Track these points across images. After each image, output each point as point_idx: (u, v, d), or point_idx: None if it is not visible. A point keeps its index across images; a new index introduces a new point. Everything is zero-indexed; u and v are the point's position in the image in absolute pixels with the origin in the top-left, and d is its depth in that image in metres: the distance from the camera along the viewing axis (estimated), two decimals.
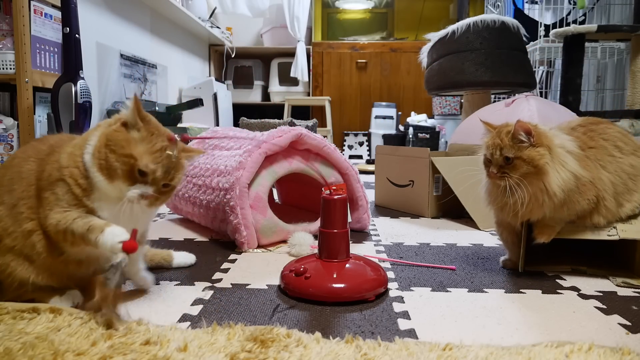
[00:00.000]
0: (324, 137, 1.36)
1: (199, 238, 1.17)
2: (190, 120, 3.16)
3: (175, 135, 0.72)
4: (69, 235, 0.65)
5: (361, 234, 1.23)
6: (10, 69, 1.64)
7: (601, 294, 0.80)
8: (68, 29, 1.66)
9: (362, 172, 2.91)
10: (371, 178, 2.57)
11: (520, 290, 0.82)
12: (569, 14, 2.80)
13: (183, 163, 0.71)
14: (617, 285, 0.84)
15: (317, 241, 0.86)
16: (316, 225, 1.16)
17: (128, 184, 0.66)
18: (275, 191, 1.59)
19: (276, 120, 2.65)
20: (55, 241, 0.67)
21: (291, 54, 4.20)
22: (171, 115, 2.46)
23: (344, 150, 4.36)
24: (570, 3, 2.82)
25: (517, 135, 0.84)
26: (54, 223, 0.65)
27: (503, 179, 0.85)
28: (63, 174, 0.66)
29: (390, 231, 1.27)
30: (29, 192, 0.68)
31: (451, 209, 1.45)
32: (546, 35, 2.57)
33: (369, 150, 4.31)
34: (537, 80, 3.02)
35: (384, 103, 4.23)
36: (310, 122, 2.84)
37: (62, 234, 0.65)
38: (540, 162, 0.82)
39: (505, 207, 0.88)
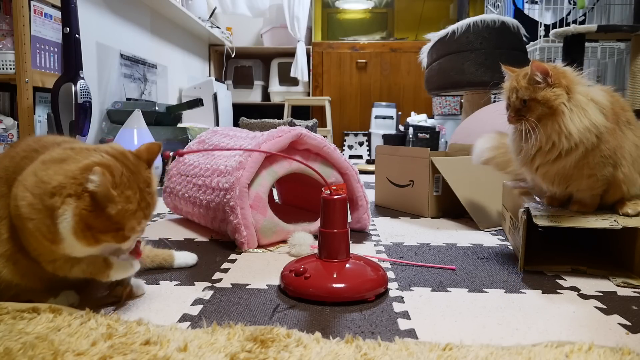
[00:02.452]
0: (324, 137, 1.36)
1: (199, 238, 1.17)
2: (190, 120, 3.16)
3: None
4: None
5: (361, 234, 1.23)
6: (10, 69, 1.64)
7: (601, 294, 0.80)
8: (68, 29, 1.66)
9: (362, 172, 2.91)
10: (371, 178, 2.57)
11: (520, 290, 0.82)
12: (569, 14, 2.80)
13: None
14: (617, 285, 0.84)
15: (317, 241, 0.86)
16: (316, 225, 1.16)
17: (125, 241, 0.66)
18: (275, 191, 1.59)
19: (276, 120, 2.65)
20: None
21: (291, 54, 4.20)
22: (171, 115, 2.46)
23: (344, 150, 4.36)
24: (570, 3, 2.82)
25: (533, 75, 0.82)
26: (51, 269, 0.66)
27: (520, 122, 0.84)
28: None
29: (390, 231, 1.27)
30: (5, 214, 0.66)
31: (451, 209, 1.45)
32: (546, 35, 2.57)
33: (369, 150, 4.31)
34: None
35: (384, 103, 4.23)
36: (310, 122, 2.84)
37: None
38: (555, 102, 0.81)
39: (520, 152, 0.88)
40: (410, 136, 3.69)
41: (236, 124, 3.65)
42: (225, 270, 0.91)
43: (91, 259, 0.67)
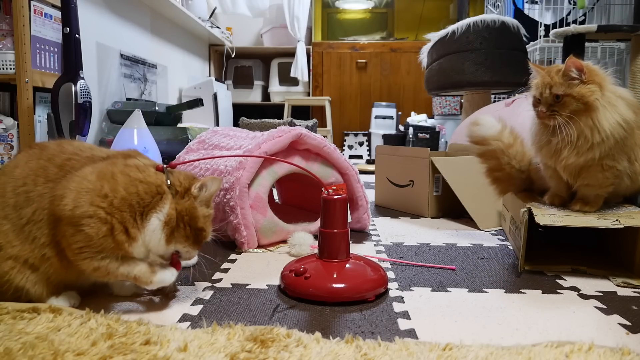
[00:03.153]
0: (324, 137, 1.36)
1: None
2: (190, 120, 3.16)
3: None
4: (111, 276, 0.68)
5: (361, 234, 1.23)
6: (10, 69, 1.64)
7: (601, 294, 0.80)
8: (68, 29, 1.66)
9: (362, 172, 2.90)
10: (371, 178, 2.57)
11: (520, 290, 0.82)
12: (569, 14, 2.80)
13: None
14: (617, 285, 0.84)
15: (317, 241, 0.86)
16: (316, 225, 1.16)
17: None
18: (275, 191, 1.59)
19: (276, 120, 2.65)
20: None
21: (291, 54, 4.20)
22: (171, 115, 2.46)
23: (344, 150, 4.36)
24: (570, 3, 2.82)
25: (569, 71, 0.85)
26: (93, 268, 0.67)
27: (552, 117, 0.86)
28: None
29: (390, 231, 1.27)
30: (40, 216, 0.66)
31: (451, 209, 1.45)
32: (546, 35, 2.57)
33: (369, 150, 4.31)
34: None
35: (384, 103, 4.23)
36: (310, 122, 2.84)
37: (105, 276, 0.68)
38: (591, 98, 0.83)
39: (548, 145, 0.89)
40: (410, 136, 3.69)
41: (236, 124, 3.65)
42: (225, 270, 0.91)
43: (138, 263, 0.69)
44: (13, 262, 0.66)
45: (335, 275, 0.78)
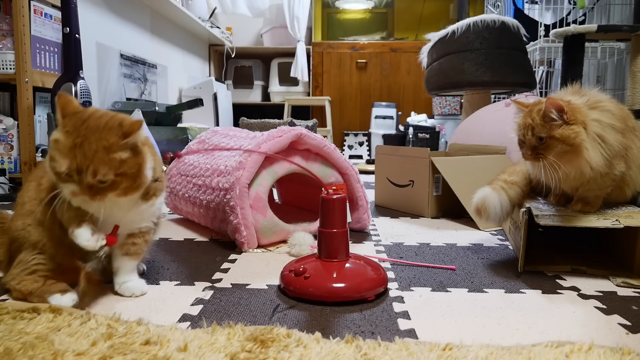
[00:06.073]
0: (324, 137, 1.36)
1: (199, 238, 1.17)
2: (190, 120, 3.16)
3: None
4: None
5: (361, 234, 1.23)
6: (10, 69, 1.64)
7: (601, 294, 0.80)
8: (68, 29, 1.66)
9: (362, 172, 2.91)
10: (371, 178, 2.57)
11: (520, 290, 0.82)
12: (569, 14, 2.80)
13: (113, 157, 0.64)
14: (617, 285, 0.84)
15: (317, 241, 0.86)
16: (316, 225, 1.16)
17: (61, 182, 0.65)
18: (275, 191, 1.59)
19: (276, 120, 2.65)
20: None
21: (291, 54, 4.21)
22: (171, 115, 2.46)
23: (344, 150, 4.36)
24: (570, 3, 2.82)
25: (548, 113, 0.80)
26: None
27: (538, 159, 0.83)
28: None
29: (390, 231, 1.27)
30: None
31: (451, 209, 1.45)
32: (546, 35, 2.57)
33: (369, 150, 4.31)
34: (537, 80, 3.02)
35: (384, 103, 4.23)
36: (310, 122, 2.84)
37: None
38: (576, 140, 0.79)
39: (539, 184, 0.90)
40: (410, 136, 3.69)
41: (236, 124, 3.65)
42: (225, 270, 0.91)
43: (72, 211, 0.68)
44: (32, 218, 0.72)
45: (335, 275, 0.78)
